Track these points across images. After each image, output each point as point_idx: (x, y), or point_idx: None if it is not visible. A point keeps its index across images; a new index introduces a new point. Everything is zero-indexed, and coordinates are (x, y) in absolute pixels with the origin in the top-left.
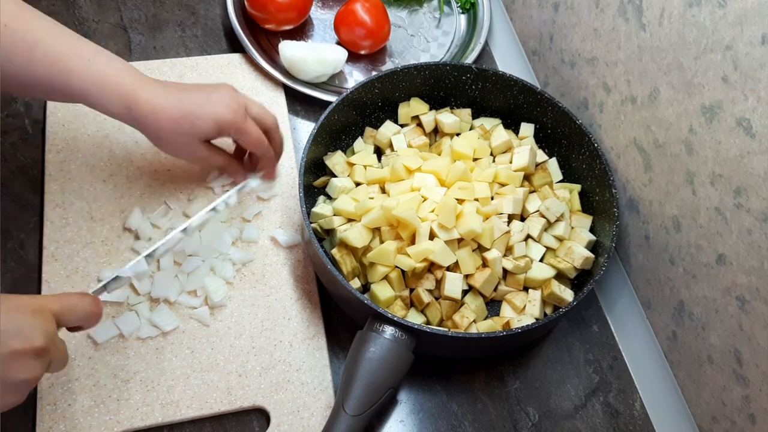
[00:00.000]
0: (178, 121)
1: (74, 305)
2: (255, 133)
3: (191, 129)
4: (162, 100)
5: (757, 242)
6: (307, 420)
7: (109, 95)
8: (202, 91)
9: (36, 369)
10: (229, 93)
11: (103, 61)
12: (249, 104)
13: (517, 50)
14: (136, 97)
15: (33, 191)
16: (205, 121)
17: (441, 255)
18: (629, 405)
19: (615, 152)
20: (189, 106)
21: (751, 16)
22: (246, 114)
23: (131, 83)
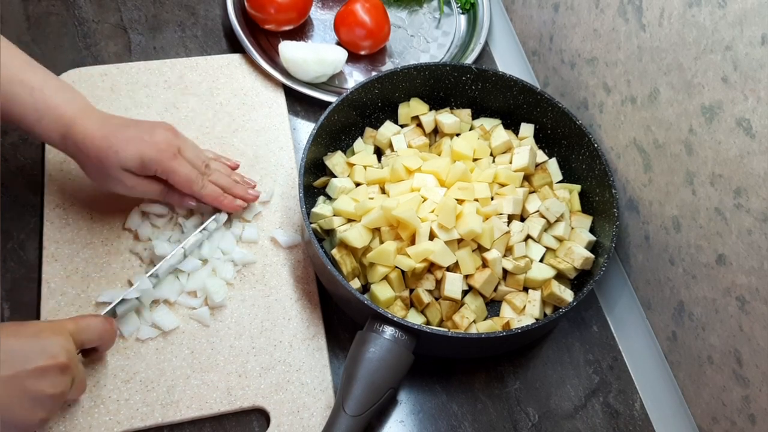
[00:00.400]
0: (104, 150)
1: (88, 325)
2: (183, 171)
3: (114, 159)
4: (95, 130)
5: (757, 242)
6: (307, 420)
7: (47, 123)
8: (137, 128)
9: (61, 384)
10: (164, 134)
11: (49, 91)
12: (184, 146)
13: (517, 50)
14: (72, 126)
15: (33, 191)
16: (129, 154)
17: (441, 255)
18: (629, 405)
19: (615, 152)
20: (117, 139)
21: (750, 17)
22: (176, 154)
23: (72, 114)
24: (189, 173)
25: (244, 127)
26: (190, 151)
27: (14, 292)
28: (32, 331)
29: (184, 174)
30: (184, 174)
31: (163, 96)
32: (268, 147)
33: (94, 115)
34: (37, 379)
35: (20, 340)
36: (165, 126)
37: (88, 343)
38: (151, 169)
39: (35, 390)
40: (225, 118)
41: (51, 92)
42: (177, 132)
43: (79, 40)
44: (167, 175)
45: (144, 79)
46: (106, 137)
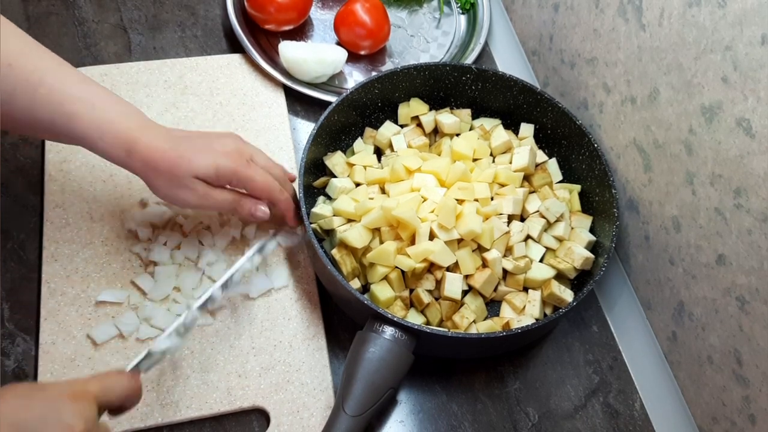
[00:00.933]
0: (175, 161)
1: (113, 384)
2: (261, 178)
3: (188, 167)
4: (161, 143)
5: (757, 242)
6: (306, 420)
7: (110, 140)
8: (205, 138)
9: None
10: (233, 141)
11: (108, 106)
12: (255, 154)
13: (517, 50)
14: (137, 142)
15: (33, 191)
16: (203, 163)
17: (441, 255)
18: (629, 405)
19: (615, 152)
20: (188, 149)
21: (750, 17)
22: (249, 162)
23: (135, 127)
24: (265, 179)
25: (244, 127)
26: (262, 159)
27: (14, 291)
28: (47, 397)
29: (263, 179)
30: (262, 180)
31: (163, 96)
32: (268, 147)
33: (153, 128)
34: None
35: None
36: (233, 135)
37: (113, 402)
38: (225, 178)
39: None
40: (225, 118)
41: (111, 108)
42: (245, 141)
43: (78, 40)
44: (245, 183)
45: (144, 79)
46: (175, 149)
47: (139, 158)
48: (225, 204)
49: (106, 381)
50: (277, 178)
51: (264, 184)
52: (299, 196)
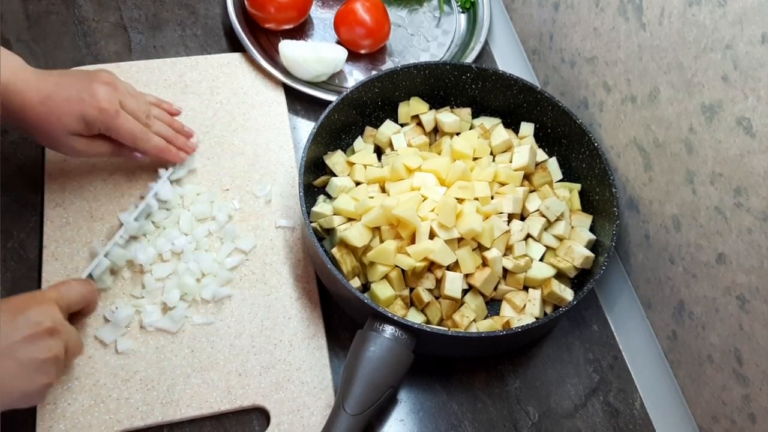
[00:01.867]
0: (44, 116)
1: (69, 288)
2: (126, 128)
3: (58, 125)
4: (32, 95)
5: (757, 241)
6: (307, 419)
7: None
8: (74, 85)
9: (52, 348)
10: (103, 87)
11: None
12: (125, 99)
13: (517, 49)
14: (7, 94)
15: (33, 191)
16: (71, 118)
17: (441, 254)
18: (629, 404)
19: (615, 151)
20: (56, 101)
21: (751, 16)
22: (118, 111)
23: (5, 80)
24: (133, 128)
25: (244, 126)
26: (131, 103)
27: (14, 291)
28: (14, 305)
29: (128, 130)
30: (128, 130)
31: (163, 95)
32: (268, 146)
33: (29, 76)
34: (27, 347)
35: (3, 315)
36: (104, 78)
37: (74, 306)
38: (95, 129)
39: (28, 357)
40: (225, 117)
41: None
42: (116, 82)
43: (79, 39)
44: (111, 134)
45: (144, 78)
46: (44, 103)
47: (12, 114)
48: (105, 155)
49: (62, 287)
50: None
51: (129, 134)
52: (299, 195)
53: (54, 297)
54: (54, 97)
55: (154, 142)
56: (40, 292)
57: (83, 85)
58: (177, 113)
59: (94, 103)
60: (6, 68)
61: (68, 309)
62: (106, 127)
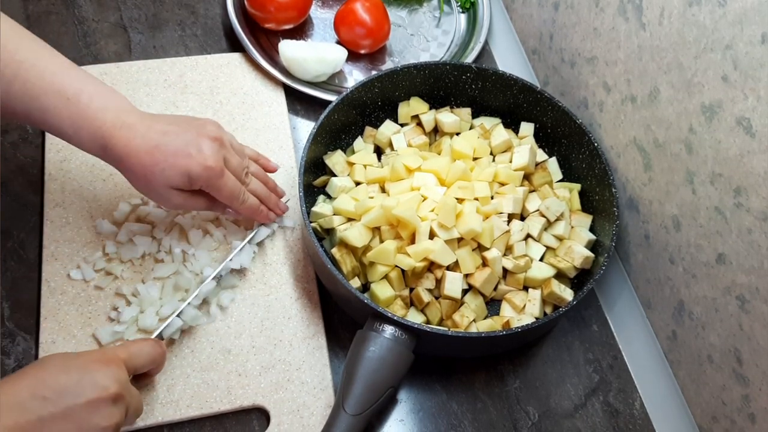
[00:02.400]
0: (149, 167)
1: (140, 350)
2: (228, 189)
3: (161, 177)
4: (137, 142)
5: (757, 242)
6: (307, 419)
7: (85, 136)
8: (182, 137)
9: (114, 415)
10: (211, 143)
11: (84, 100)
12: (229, 155)
13: (517, 49)
14: (112, 138)
15: (33, 191)
16: (176, 172)
17: (441, 254)
18: (629, 404)
19: (615, 151)
20: (163, 153)
21: (751, 16)
22: (223, 169)
23: (111, 123)
24: (233, 188)
25: (244, 126)
26: (234, 160)
27: (14, 290)
28: (82, 363)
29: (228, 190)
30: (229, 190)
31: (163, 95)
32: (268, 146)
33: (134, 121)
34: (90, 413)
35: (70, 374)
36: (212, 132)
37: (141, 368)
38: (196, 186)
39: (89, 424)
40: (225, 117)
41: (88, 100)
42: (222, 136)
43: (78, 39)
44: (211, 191)
45: (144, 78)
46: (149, 152)
47: (114, 157)
48: (199, 209)
49: (133, 347)
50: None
51: (228, 194)
52: (299, 195)
53: (124, 357)
54: (161, 148)
55: (250, 202)
56: (110, 350)
57: (191, 138)
58: (274, 170)
59: (201, 160)
60: (113, 110)
61: (135, 371)
62: (209, 185)
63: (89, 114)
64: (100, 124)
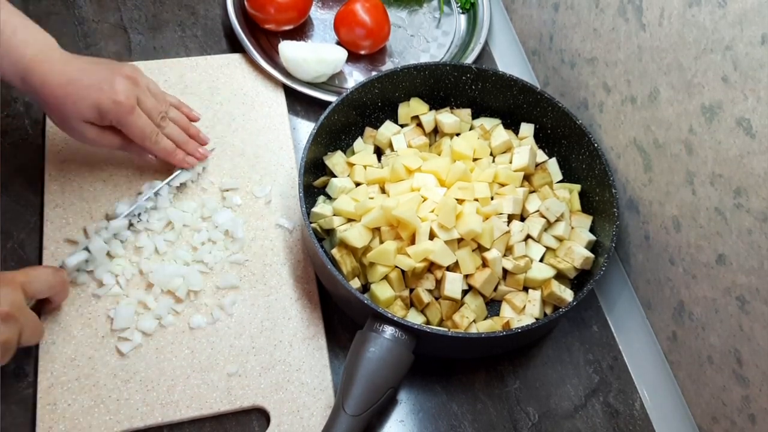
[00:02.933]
0: (61, 99)
1: (38, 275)
2: (138, 126)
3: (73, 109)
4: (55, 76)
5: (757, 242)
6: (307, 420)
7: (6, 65)
8: (97, 73)
9: (3, 332)
10: (124, 80)
11: (8, 31)
12: (144, 97)
13: (517, 50)
14: (31, 70)
15: (33, 191)
16: (87, 104)
17: (441, 255)
18: (629, 405)
19: (615, 152)
20: (76, 87)
21: (751, 16)
22: (134, 107)
23: (32, 56)
24: (143, 127)
25: (244, 126)
26: (149, 101)
27: None
28: None
29: (138, 128)
30: (138, 128)
31: None
32: (268, 147)
33: (56, 57)
34: None
35: None
36: (127, 72)
37: (39, 293)
38: (107, 120)
39: None
40: (225, 117)
41: (10, 33)
42: (138, 77)
43: (79, 39)
44: (122, 128)
45: None
46: (63, 86)
47: (31, 88)
48: (114, 147)
49: (32, 272)
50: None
51: (138, 132)
52: (299, 195)
53: (21, 280)
54: (75, 82)
55: (163, 144)
56: (9, 274)
57: (105, 75)
58: (196, 119)
59: (111, 95)
60: (36, 45)
61: (33, 295)
62: (117, 120)
63: (11, 44)
64: (21, 56)
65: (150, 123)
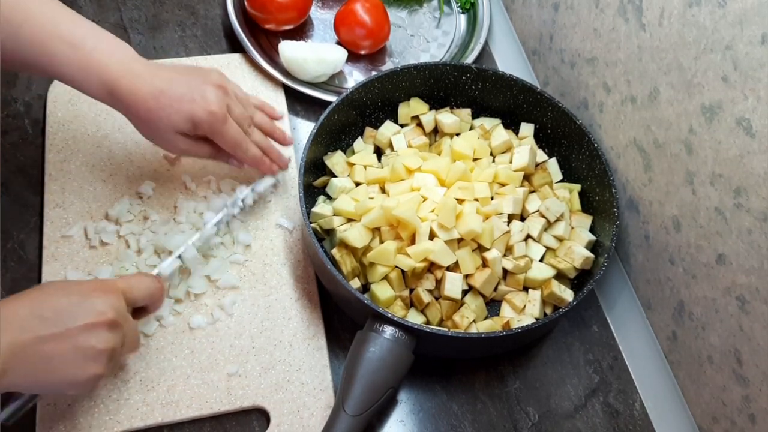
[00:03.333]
0: (154, 111)
1: (139, 282)
2: (231, 136)
3: (167, 121)
4: (143, 87)
5: (757, 242)
6: (307, 420)
7: (92, 81)
8: (187, 83)
9: (110, 340)
10: (215, 90)
11: (89, 46)
12: (233, 104)
13: (517, 50)
14: (118, 83)
15: (33, 191)
16: (181, 116)
17: (441, 255)
18: (629, 405)
19: (615, 152)
20: (168, 98)
21: (751, 16)
22: (226, 116)
23: (116, 68)
24: (236, 136)
25: None
26: (238, 108)
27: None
28: (82, 290)
29: (231, 138)
30: (232, 137)
31: None
32: None
33: (138, 67)
34: (87, 336)
35: (70, 298)
36: (216, 80)
37: (139, 301)
38: (200, 131)
39: (85, 346)
40: None
41: (92, 46)
42: (226, 84)
43: None
44: (215, 138)
45: None
46: (155, 97)
47: (119, 102)
48: (204, 156)
49: (132, 280)
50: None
51: (231, 142)
52: (299, 195)
53: (122, 288)
54: (166, 93)
55: (252, 152)
56: (110, 281)
57: (196, 84)
58: (279, 118)
59: (205, 105)
60: (118, 56)
61: (133, 303)
62: (212, 130)
63: (94, 59)
64: (106, 70)
65: (240, 131)
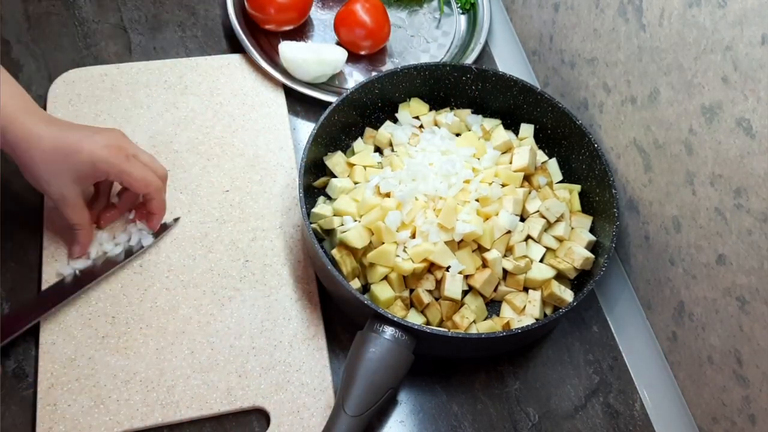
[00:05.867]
0: (50, 154)
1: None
2: (140, 173)
3: (65, 163)
4: (39, 130)
5: (757, 242)
6: (307, 420)
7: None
8: (85, 130)
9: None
10: (115, 136)
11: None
12: (137, 151)
13: (517, 50)
14: (13, 122)
15: (33, 191)
16: (82, 157)
17: (441, 255)
18: (629, 405)
19: (615, 152)
20: (66, 140)
21: (751, 17)
22: (128, 157)
23: (13, 110)
24: (145, 174)
25: (244, 127)
26: (145, 157)
27: (14, 291)
28: None
29: (140, 174)
30: (140, 174)
31: (163, 96)
32: (268, 147)
33: (35, 114)
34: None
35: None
36: (116, 131)
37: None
38: (104, 172)
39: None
40: (225, 118)
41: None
42: (127, 138)
43: (79, 40)
44: (122, 177)
45: (144, 79)
46: (53, 139)
47: (13, 140)
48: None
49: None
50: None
51: (142, 179)
52: (299, 196)
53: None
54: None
55: (164, 197)
56: None
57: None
58: None
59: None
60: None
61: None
62: (117, 169)
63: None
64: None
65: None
